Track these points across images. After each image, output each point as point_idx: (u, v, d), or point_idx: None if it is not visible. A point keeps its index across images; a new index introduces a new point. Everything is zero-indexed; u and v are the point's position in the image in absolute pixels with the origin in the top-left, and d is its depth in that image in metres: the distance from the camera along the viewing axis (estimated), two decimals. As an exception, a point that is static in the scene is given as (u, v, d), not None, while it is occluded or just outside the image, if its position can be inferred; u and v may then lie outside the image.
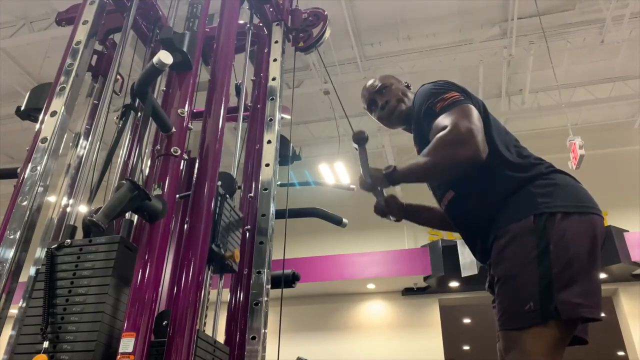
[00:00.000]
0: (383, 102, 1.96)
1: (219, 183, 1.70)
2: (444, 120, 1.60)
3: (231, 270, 1.79)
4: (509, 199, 1.56)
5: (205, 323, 1.71)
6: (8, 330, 1.66)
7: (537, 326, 1.36)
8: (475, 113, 1.61)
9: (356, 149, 1.79)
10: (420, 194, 2.10)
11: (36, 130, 1.67)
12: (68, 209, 1.85)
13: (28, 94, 1.96)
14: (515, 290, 1.43)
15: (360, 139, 1.77)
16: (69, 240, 1.40)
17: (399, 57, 7.31)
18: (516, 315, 1.40)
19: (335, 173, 8.05)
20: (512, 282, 1.45)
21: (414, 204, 2.00)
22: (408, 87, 2.03)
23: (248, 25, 2.52)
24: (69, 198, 1.94)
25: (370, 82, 2.05)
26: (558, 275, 1.38)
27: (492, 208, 1.59)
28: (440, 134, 1.57)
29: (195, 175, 1.65)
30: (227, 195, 1.78)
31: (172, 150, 1.52)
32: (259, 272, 1.91)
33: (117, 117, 2.00)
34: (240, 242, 1.90)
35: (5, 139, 7.99)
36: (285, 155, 2.37)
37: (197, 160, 1.69)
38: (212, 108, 1.79)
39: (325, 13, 2.71)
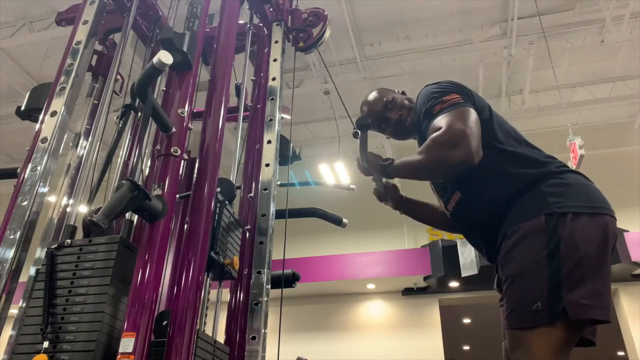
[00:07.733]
0: (396, 117, 1.92)
1: (218, 189, 1.69)
2: (440, 121, 1.60)
3: (230, 277, 1.80)
4: (519, 197, 1.54)
5: (205, 323, 1.71)
6: (8, 330, 1.66)
7: (544, 326, 1.35)
8: (472, 116, 1.59)
9: (357, 136, 1.81)
10: (418, 191, 2.11)
11: (36, 130, 1.67)
12: (68, 209, 1.85)
13: (28, 94, 1.96)
14: (523, 290, 1.42)
15: (363, 125, 1.80)
16: (69, 240, 1.40)
17: (399, 57, 7.31)
18: (523, 314, 1.39)
19: (335, 173, 8.05)
20: (520, 281, 1.44)
21: (413, 199, 2.03)
22: (404, 93, 2.03)
23: (248, 25, 2.52)
24: (69, 198, 1.94)
25: (370, 98, 1.99)
26: (567, 275, 1.37)
27: (501, 206, 1.57)
28: (434, 134, 1.58)
29: (195, 175, 1.65)
30: (227, 202, 1.78)
31: (172, 150, 1.51)
32: (259, 272, 1.91)
33: (117, 117, 2.00)
34: (240, 245, 1.90)
35: (5, 139, 7.99)
36: (285, 155, 2.37)
37: (197, 160, 1.69)
38: (212, 108, 1.79)
39: (325, 13, 2.70)
